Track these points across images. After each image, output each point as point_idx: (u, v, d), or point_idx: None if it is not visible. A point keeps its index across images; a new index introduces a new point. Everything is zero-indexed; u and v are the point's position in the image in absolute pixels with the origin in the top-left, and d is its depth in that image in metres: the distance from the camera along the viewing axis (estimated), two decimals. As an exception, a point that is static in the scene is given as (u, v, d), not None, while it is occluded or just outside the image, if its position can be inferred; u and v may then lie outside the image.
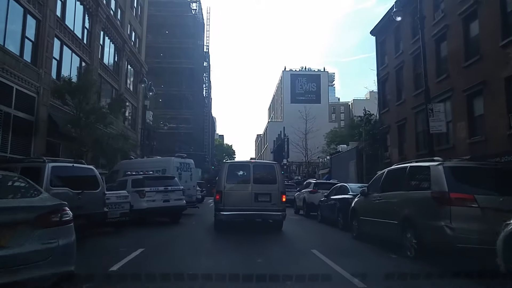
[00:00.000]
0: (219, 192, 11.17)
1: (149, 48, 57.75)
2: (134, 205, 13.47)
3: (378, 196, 9.01)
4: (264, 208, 10.98)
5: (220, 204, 11.05)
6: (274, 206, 11.03)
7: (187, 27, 59.18)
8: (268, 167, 12.04)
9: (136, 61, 36.44)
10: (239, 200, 10.99)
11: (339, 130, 55.68)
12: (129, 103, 35.24)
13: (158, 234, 11.21)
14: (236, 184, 11.29)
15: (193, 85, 59.41)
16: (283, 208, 11.27)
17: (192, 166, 19.55)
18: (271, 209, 10.99)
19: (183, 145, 52.85)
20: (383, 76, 25.01)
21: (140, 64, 38.50)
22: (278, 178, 11.33)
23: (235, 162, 15.27)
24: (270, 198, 11.04)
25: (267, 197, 11.05)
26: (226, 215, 11.05)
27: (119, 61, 32.01)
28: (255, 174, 11.28)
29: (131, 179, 14.35)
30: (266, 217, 11.25)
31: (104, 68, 28.25)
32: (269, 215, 11.15)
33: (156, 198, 13.64)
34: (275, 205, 11.05)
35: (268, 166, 12.20)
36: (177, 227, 13.38)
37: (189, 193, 18.77)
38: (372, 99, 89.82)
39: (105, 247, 8.78)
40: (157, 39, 56.64)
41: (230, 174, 11.32)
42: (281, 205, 11.18)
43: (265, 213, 11.05)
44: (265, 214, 11.11)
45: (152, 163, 19.23)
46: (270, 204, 11.01)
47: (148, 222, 13.46)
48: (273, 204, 11.03)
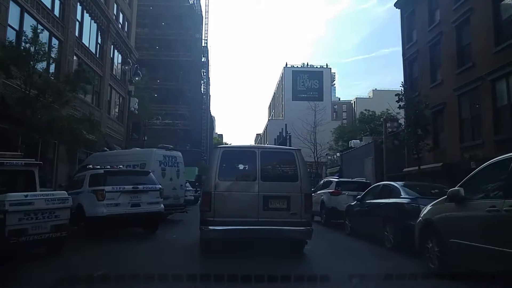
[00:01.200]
0: (206, 195, 7.24)
1: (145, 41, 55.24)
2: (88, 211, 9.48)
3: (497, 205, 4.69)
4: (279, 221, 7.06)
5: (209, 213, 7.08)
6: (295, 217, 7.12)
7: (184, 18, 56.58)
8: (285, 155, 8.02)
9: (124, 46, 32.48)
10: (238, 207, 7.10)
11: (347, 126, 51.44)
12: (116, 92, 31.50)
13: (108, 259, 7.27)
14: (234, 182, 7.35)
15: (190, 79, 57.29)
16: (307, 220, 7.32)
17: (180, 160, 15.56)
18: (289, 222, 7.07)
19: (179, 142, 51.00)
20: (410, 56, 20.99)
21: (130, 50, 34.53)
22: (300, 172, 7.35)
23: (233, 147, 9.74)
24: (288, 204, 7.18)
25: (283, 202, 7.20)
26: (217, 231, 7.04)
27: (103, 44, 28.06)
28: (263, 167, 7.37)
29: (90, 175, 10.34)
30: (280, 234, 7.13)
31: (83, 48, 24.31)
32: (286, 231, 7.09)
33: (120, 201, 9.63)
34: (296, 215, 7.13)
35: (284, 154, 8.14)
36: (147, 243, 9.45)
37: (175, 194, 14.86)
38: (376, 98, 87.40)
39: None
40: (153, 31, 54.99)
41: (225, 166, 7.35)
42: (305, 215, 7.25)
43: (280, 228, 7.04)
44: (279, 230, 7.06)
45: (129, 156, 15.23)
46: (288, 213, 7.15)
47: (109, 235, 9.40)
48: (293, 213, 7.14)
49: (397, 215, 8.18)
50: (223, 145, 11.86)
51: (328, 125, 51.19)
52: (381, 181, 15.75)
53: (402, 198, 8.37)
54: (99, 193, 9.39)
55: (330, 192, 13.71)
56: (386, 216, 8.69)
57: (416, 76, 19.96)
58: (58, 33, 20.60)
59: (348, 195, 13.33)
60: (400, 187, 8.90)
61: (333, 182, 14.17)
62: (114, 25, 28.93)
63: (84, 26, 24.52)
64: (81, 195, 9.99)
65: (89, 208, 9.51)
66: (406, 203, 7.97)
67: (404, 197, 8.34)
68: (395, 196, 8.77)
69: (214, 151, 7.82)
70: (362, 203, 10.48)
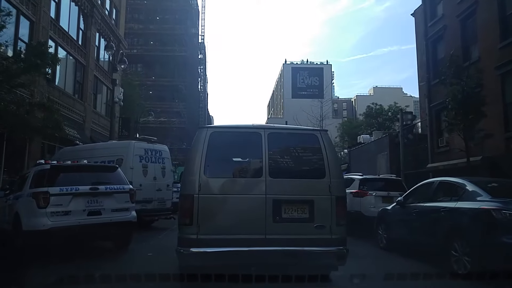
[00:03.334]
0: (186, 200, 4.84)
1: (139, 36, 53.51)
2: (25, 222, 6.71)
3: None
4: (297, 238, 4.77)
5: (190, 228, 4.76)
6: (322, 233, 4.80)
7: (179, 12, 55.19)
8: (305, 138, 5.44)
9: (112, 35, 29.62)
10: (234, 218, 4.83)
11: (353, 121, 48.48)
12: (103, 84, 28.82)
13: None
14: (229, 180, 5.05)
15: (186, 76, 56.12)
16: (341, 236, 4.95)
17: (166, 155, 12.86)
18: (312, 240, 4.77)
19: (175, 140, 49.53)
20: (435, 33, 18.16)
21: (118, 40, 31.67)
22: (328, 165, 4.98)
23: (226, 127, 5.80)
24: (312, 213, 4.88)
25: (304, 209, 4.88)
26: (203, 255, 4.66)
27: (86, 30, 25.32)
28: (273, 156, 5.05)
29: (34, 172, 7.53)
30: (299, 258, 4.74)
31: (61, 33, 21.58)
32: (308, 254, 4.74)
33: (72, 208, 6.84)
34: (325, 229, 4.82)
35: (304, 136, 5.50)
36: (110, 263, 6.60)
37: (160, 196, 12.22)
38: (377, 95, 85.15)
39: None
40: (147, 26, 53.58)
41: (214, 154, 4.97)
42: (337, 230, 4.88)
43: (299, 249, 4.71)
44: (298, 253, 4.71)
45: (103, 150, 12.53)
46: (312, 227, 4.84)
47: (56, 254, 6.59)
48: (319, 226, 4.83)
49: (476, 226, 5.44)
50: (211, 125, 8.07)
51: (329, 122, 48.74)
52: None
53: (482, 202, 5.59)
54: (40, 197, 6.60)
55: (352, 192, 10.89)
56: (453, 228, 5.92)
57: (443, 56, 17.16)
58: (29, 11, 17.97)
59: (376, 196, 10.60)
60: (472, 185, 6.09)
61: (356, 180, 11.31)
62: (99, 10, 26.25)
63: (62, 8, 21.81)
64: (20, 201, 7.24)
65: (27, 218, 6.74)
66: (494, 210, 5.20)
67: (485, 200, 5.58)
68: (466, 198, 5.98)
69: (198, 133, 5.15)
70: (406, 207, 7.72)
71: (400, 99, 48.44)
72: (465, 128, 11.92)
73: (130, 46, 51.55)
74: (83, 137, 22.13)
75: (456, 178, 6.80)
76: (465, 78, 12.01)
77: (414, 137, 24.11)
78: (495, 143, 13.57)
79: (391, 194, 10.45)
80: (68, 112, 22.08)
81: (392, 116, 40.40)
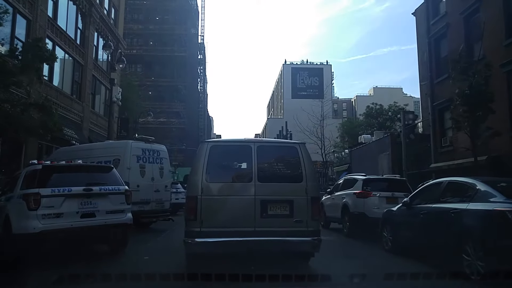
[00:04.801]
0: (191, 200, 6.01)
1: (139, 36, 53.29)
2: (16, 225, 6.42)
3: None
4: (280, 230, 6.00)
5: (194, 222, 5.91)
6: (300, 226, 6.02)
7: (178, 12, 54.84)
8: (286, 149, 6.86)
9: (111, 34, 29.30)
10: (230, 214, 6.02)
11: (354, 121, 48.02)
12: (101, 84, 28.55)
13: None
14: (225, 184, 6.31)
15: (186, 76, 56.12)
16: (315, 229, 6.17)
17: (165, 155, 12.57)
18: (293, 232, 6.02)
19: (175, 141, 49.39)
20: (437, 31, 17.87)
21: (117, 39, 31.32)
22: (305, 171, 6.22)
23: (223, 141, 8.46)
24: (292, 210, 6.12)
25: (286, 207, 6.15)
26: (205, 244, 5.85)
27: (85, 29, 25.05)
28: (261, 165, 6.31)
29: (25, 172, 7.23)
30: (282, 246, 6.04)
31: (59, 32, 21.31)
32: (289, 242, 6.01)
33: (65, 210, 6.53)
34: (302, 223, 6.04)
35: (285, 149, 6.95)
36: (106, 267, 6.29)
37: (158, 197, 11.96)
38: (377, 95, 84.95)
39: None
40: (146, 26, 53.43)
41: (214, 163, 6.22)
42: (313, 223, 6.15)
43: (282, 239, 5.98)
44: (281, 242, 5.98)
45: (100, 150, 12.22)
46: (292, 221, 6.06)
47: (47, 257, 6.30)
48: (298, 221, 6.05)
49: (490, 229, 5.15)
50: (211, 139, 9.95)
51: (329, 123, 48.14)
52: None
53: (495, 203, 5.29)
54: (30, 199, 6.30)
55: (355, 193, 10.59)
56: (465, 230, 5.61)
57: (445, 55, 16.88)
58: (25, 10, 17.72)
59: (380, 197, 10.30)
60: (484, 185, 5.77)
61: (359, 180, 10.99)
62: (97, 9, 25.96)
63: (59, 7, 21.57)
64: (11, 202, 6.94)
65: (17, 221, 6.44)
66: (510, 211, 4.91)
67: (499, 201, 5.28)
68: (478, 199, 5.68)
69: (200, 146, 6.40)
70: (412, 209, 7.40)
71: (400, 99, 48.05)
72: (472, 126, 11.57)
73: (130, 46, 51.38)
74: (81, 137, 21.81)
75: (467, 178, 6.48)
76: (472, 74, 11.67)
77: (416, 137, 23.82)
78: (500, 141, 13.26)
79: (396, 194, 10.15)
80: (66, 112, 21.79)
81: (393, 116, 40.07)
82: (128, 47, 49.76)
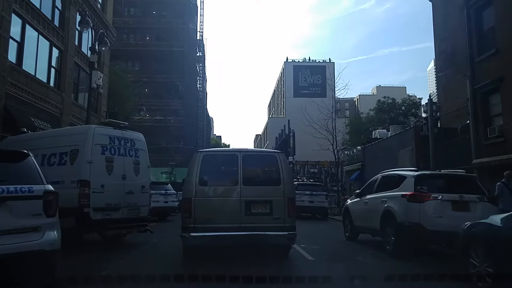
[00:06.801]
0: (187, 201, 7.11)
1: (135, 30, 51.56)
2: None
3: None
4: (261, 226, 6.99)
5: (189, 219, 6.97)
6: (278, 222, 7.05)
7: (176, 5, 52.80)
8: (267, 158, 8.16)
9: (97, 19, 26.15)
10: (219, 212, 7.05)
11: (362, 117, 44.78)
12: (86, 74, 25.43)
13: None
14: (215, 187, 7.32)
15: (184, 72, 53.41)
16: (291, 225, 7.13)
17: (142, 146, 9.57)
18: (271, 227, 7.03)
19: (172, 139, 47.28)
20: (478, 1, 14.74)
21: (105, 26, 28.15)
22: (283, 176, 7.30)
23: (214, 151, 10.66)
24: (271, 209, 7.15)
25: (266, 206, 7.18)
26: (198, 238, 6.86)
27: (64, 9, 22.00)
28: (245, 171, 7.33)
29: None
30: (263, 239, 6.99)
31: (30, 8, 18.29)
32: (269, 236, 6.98)
33: None
34: (279, 220, 7.07)
35: (266, 157, 8.32)
36: None
37: (131, 201, 9.00)
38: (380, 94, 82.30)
39: None
40: (142, 20, 51.63)
41: (206, 170, 7.24)
42: (289, 220, 7.14)
43: (263, 233, 6.95)
44: (262, 236, 6.93)
45: (55, 139, 9.21)
46: (271, 218, 7.09)
47: None
48: (276, 218, 7.07)
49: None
50: (204, 149, 11.37)
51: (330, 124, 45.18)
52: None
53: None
54: None
55: (406, 196, 7.43)
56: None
57: (491, 25, 13.82)
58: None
59: (442, 201, 7.21)
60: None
61: (409, 177, 7.75)
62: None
63: (32, -19, 18.56)
64: None
65: None
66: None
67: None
68: None
69: (194, 155, 7.59)
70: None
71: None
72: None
73: (125, 40, 48.99)
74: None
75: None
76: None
77: (439, 130, 20.91)
78: None
79: (465, 198, 7.12)
80: (40, 102, 18.85)
81: (406, 111, 37.15)
82: (123, 41, 47.33)
